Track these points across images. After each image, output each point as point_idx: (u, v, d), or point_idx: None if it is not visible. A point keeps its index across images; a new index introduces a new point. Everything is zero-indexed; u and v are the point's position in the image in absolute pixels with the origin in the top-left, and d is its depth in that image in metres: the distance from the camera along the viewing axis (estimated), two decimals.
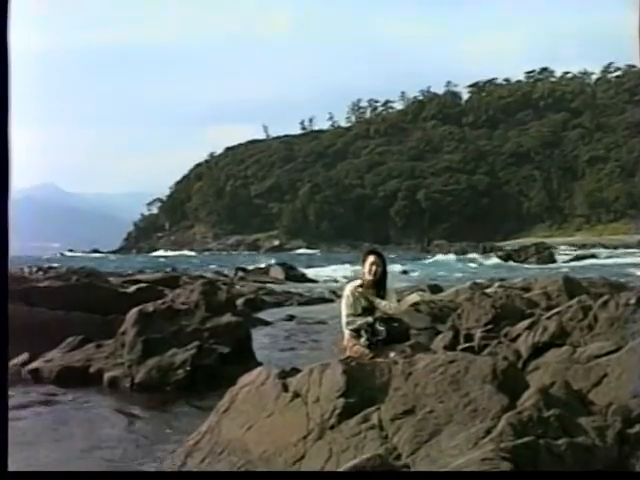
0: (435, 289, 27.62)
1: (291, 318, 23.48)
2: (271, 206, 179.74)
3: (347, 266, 56.10)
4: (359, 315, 9.37)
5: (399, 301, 11.76)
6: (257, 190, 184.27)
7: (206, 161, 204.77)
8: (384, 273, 9.68)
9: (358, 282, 9.58)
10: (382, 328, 9.20)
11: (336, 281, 43.91)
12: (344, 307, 9.55)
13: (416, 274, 55.48)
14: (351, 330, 9.38)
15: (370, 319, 9.29)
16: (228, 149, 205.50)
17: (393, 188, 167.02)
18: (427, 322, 17.29)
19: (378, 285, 9.55)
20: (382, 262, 9.67)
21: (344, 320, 9.50)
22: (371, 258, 9.64)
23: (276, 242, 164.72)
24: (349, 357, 8.87)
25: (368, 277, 9.53)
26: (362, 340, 9.27)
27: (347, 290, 9.62)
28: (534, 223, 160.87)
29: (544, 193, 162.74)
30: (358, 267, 10.78)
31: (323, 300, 30.35)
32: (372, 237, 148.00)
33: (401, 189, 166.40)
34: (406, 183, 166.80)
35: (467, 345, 13.62)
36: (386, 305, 9.43)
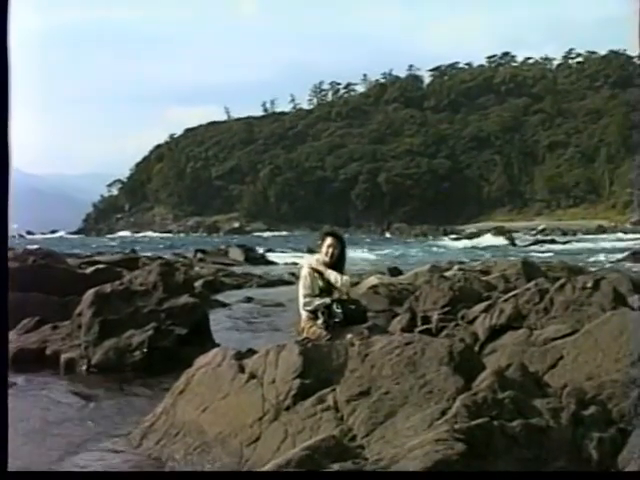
0: (395, 272, 27.75)
1: (249, 300, 23.36)
2: (232, 188, 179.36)
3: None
4: (316, 296, 9.35)
5: (357, 284, 11.79)
6: (218, 172, 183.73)
7: (167, 142, 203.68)
8: (341, 255, 9.66)
9: (315, 263, 9.55)
10: (339, 310, 9.18)
11: (296, 264, 43.77)
12: (301, 288, 9.52)
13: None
14: (308, 311, 9.36)
15: (327, 300, 9.27)
16: (188, 130, 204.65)
17: (354, 171, 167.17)
18: (385, 304, 17.34)
19: (335, 267, 9.53)
20: (340, 244, 9.65)
21: (301, 301, 9.47)
22: (328, 240, 9.62)
23: (236, 224, 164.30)
24: (306, 338, 8.86)
25: (325, 259, 9.51)
26: (319, 321, 9.25)
27: (304, 271, 9.60)
28: (494, 207, 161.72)
29: (504, 178, 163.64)
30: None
31: (282, 282, 30.22)
32: (332, 220, 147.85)
33: (362, 172, 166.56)
34: (367, 166, 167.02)
35: (424, 327, 13.64)
36: (336, 277, 9.41)
